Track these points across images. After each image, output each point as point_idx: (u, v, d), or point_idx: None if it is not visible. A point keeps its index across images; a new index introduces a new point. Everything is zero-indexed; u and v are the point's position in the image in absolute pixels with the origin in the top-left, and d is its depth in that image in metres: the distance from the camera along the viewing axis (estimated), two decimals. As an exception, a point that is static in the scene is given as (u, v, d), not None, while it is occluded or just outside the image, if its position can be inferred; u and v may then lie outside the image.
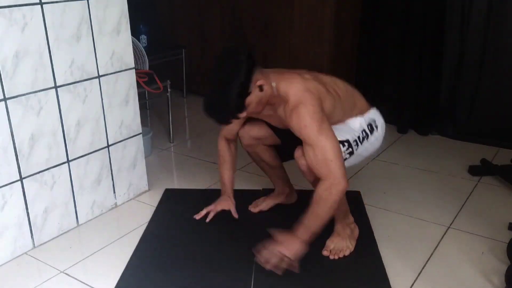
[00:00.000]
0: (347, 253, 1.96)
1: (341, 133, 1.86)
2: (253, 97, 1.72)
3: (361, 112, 2.00)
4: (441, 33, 3.11)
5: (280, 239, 1.78)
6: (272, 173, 2.26)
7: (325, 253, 1.96)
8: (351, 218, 2.03)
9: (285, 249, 1.75)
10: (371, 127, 1.99)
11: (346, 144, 1.85)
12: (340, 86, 1.98)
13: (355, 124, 1.95)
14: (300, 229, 1.76)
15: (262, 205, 2.31)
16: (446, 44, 3.12)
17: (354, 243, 2.00)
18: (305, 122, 1.73)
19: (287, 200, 2.34)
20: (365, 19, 3.47)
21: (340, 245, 1.97)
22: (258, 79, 1.73)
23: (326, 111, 1.80)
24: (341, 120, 1.93)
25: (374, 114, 2.05)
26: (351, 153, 1.87)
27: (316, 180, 1.78)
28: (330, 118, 1.82)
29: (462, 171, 2.72)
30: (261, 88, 1.74)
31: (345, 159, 1.84)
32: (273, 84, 1.79)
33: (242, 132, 2.11)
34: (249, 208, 2.31)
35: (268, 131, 2.07)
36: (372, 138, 1.99)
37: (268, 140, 2.11)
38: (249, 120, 2.07)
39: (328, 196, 1.71)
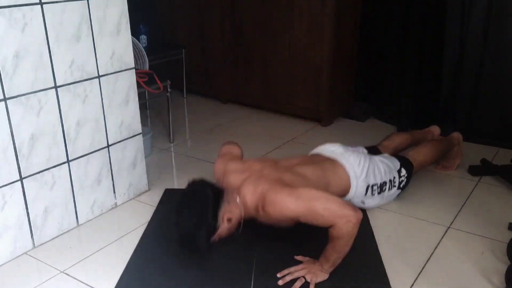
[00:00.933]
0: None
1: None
2: (223, 229, 1.80)
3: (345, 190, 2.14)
4: (442, 33, 3.11)
5: (307, 267, 1.83)
6: None
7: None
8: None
9: (313, 277, 1.79)
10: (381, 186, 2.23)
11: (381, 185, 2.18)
12: (309, 172, 2.04)
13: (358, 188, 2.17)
14: (324, 264, 1.80)
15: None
16: (446, 44, 3.12)
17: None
18: (279, 206, 1.76)
19: None
20: (365, 19, 3.47)
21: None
22: (225, 213, 1.79)
23: (288, 182, 1.86)
24: (338, 191, 2.08)
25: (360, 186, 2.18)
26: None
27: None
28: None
29: (462, 171, 2.72)
30: (229, 220, 1.80)
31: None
32: (237, 200, 1.84)
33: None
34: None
35: None
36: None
37: None
38: None
39: (342, 233, 1.71)
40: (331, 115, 3.52)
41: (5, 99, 1.85)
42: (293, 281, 1.79)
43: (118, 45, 2.23)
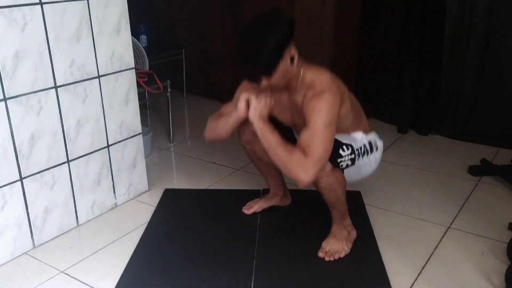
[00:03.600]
0: (342, 255, 1.95)
1: (345, 139, 1.86)
2: (283, 65, 1.70)
3: (365, 131, 2.00)
4: (441, 33, 3.11)
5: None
6: (268, 174, 2.24)
7: (320, 254, 1.95)
8: (348, 220, 2.02)
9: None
10: (371, 146, 1.99)
11: (349, 148, 1.84)
12: (354, 99, 1.98)
13: (357, 137, 1.95)
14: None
15: (255, 206, 2.29)
16: (447, 44, 3.12)
17: (350, 245, 1.99)
18: (321, 107, 1.70)
19: (281, 203, 2.33)
20: (365, 19, 3.47)
21: (336, 247, 1.96)
22: (292, 50, 1.72)
23: (341, 113, 1.79)
24: (346, 131, 1.93)
25: (375, 136, 2.05)
26: (352, 160, 1.86)
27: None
28: (340, 123, 1.81)
29: (462, 171, 2.72)
30: (292, 60, 1.72)
31: (347, 165, 1.84)
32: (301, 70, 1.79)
33: (242, 127, 2.08)
34: (242, 210, 2.30)
35: None
36: (371, 156, 1.98)
37: None
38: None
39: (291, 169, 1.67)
40: (331, 115, 3.52)
41: (5, 99, 1.85)
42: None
43: (118, 45, 2.23)
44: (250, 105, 1.78)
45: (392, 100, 3.46)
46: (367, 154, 1.96)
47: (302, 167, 1.64)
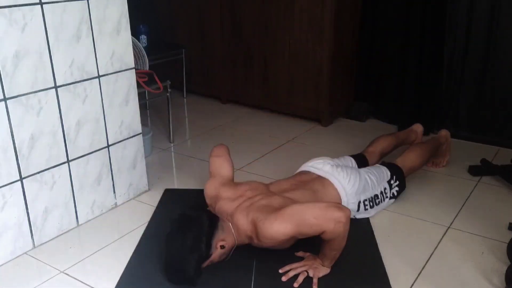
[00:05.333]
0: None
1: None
2: (216, 255, 1.78)
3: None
4: (442, 32, 3.11)
5: (309, 262, 1.86)
6: None
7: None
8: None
9: (315, 271, 1.82)
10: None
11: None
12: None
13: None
14: (324, 261, 1.83)
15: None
16: (448, 44, 3.12)
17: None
18: (270, 233, 1.76)
19: None
20: (365, 19, 3.47)
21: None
22: (219, 240, 1.78)
23: (277, 207, 1.85)
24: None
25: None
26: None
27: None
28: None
29: (462, 171, 2.72)
30: (222, 246, 1.79)
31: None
32: (230, 225, 1.85)
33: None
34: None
35: None
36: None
37: None
38: None
39: (336, 235, 1.73)
40: (331, 115, 3.52)
41: (5, 99, 1.85)
42: (296, 276, 1.80)
43: (118, 45, 2.22)
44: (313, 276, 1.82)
45: (392, 100, 3.45)
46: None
47: (337, 221, 1.71)
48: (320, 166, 2.23)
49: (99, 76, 2.18)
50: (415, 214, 2.29)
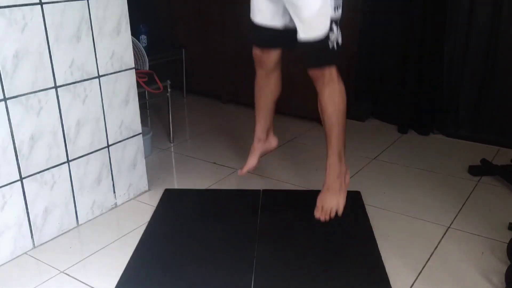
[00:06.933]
0: (340, 210, 1.93)
1: None
2: None
3: None
4: (443, 32, 3.11)
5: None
6: (261, 116, 2.32)
7: (317, 215, 1.96)
8: (343, 166, 1.97)
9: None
10: None
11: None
12: None
13: None
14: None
15: (248, 164, 2.29)
16: (448, 44, 3.12)
17: (345, 194, 1.97)
18: None
19: (267, 147, 2.36)
20: (365, 19, 3.47)
21: (330, 203, 1.96)
22: None
23: None
24: None
25: None
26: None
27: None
28: None
29: (462, 171, 2.72)
30: None
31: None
32: None
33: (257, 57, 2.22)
34: (238, 173, 2.30)
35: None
36: None
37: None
38: None
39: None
40: (331, 115, 3.52)
41: (5, 99, 1.85)
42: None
43: (118, 45, 2.23)
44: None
45: (392, 100, 3.45)
46: None
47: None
48: None
49: (99, 76, 2.18)
50: (415, 214, 2.29)
